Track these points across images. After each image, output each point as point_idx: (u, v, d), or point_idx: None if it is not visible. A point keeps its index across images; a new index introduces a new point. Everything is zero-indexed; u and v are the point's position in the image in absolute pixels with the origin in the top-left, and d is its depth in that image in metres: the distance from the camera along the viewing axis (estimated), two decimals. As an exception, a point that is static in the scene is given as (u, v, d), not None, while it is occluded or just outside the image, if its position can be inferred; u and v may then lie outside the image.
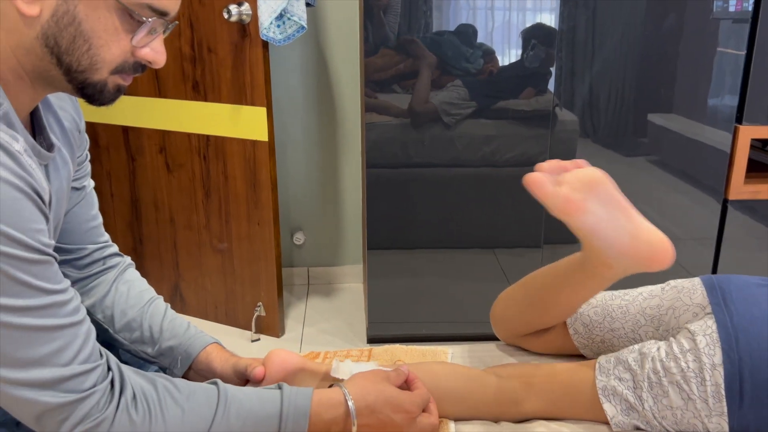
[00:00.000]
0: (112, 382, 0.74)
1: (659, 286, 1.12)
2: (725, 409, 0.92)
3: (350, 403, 0.84)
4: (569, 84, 1.85)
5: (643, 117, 1.89)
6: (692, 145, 1.90)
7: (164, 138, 2.07)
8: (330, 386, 0.90)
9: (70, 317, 0.70)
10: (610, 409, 0.98)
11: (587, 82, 1.85)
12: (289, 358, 0.96)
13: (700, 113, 1.87)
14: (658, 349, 0.98)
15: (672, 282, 1.11)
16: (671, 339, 1.00)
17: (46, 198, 0.70)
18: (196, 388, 0.80)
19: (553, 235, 1.97)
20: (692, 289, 1.05)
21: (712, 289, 1.03)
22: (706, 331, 0.95)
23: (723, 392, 0.92)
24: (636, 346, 1.02)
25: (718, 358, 0.92)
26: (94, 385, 0.71)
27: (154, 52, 0.74)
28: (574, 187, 0.90)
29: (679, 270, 2.00)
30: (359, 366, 0.97)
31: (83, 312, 0.73)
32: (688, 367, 0.94)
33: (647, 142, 1.91)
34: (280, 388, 0.84)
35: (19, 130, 0.70)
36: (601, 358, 1.04)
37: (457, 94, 1.83)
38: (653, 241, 0.92)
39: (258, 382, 0.94)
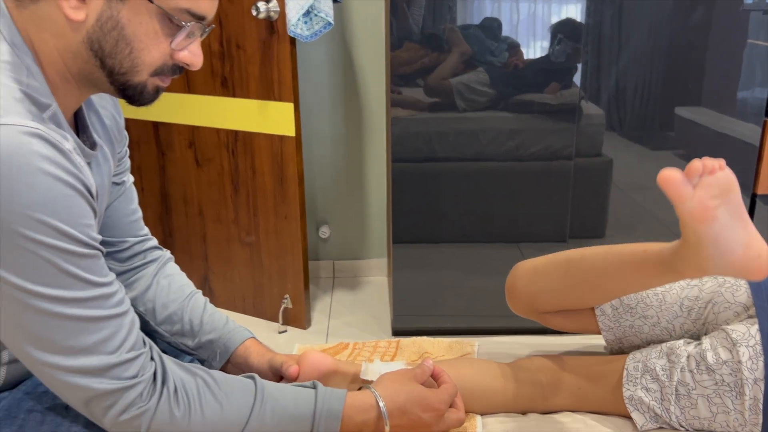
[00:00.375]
0: (154, 374, 0.77)
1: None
2: (760, 420, 0.90)
3: (382, 406, 0.86)
4: (595, 77, 1.84)
5: (670, 110, 1.87)
6: (720, 139, 1.89)
7: (193, 133, 2.11)
8: (360, 388, 0.92)
9: (116, 308, 0.73)
10: (639, 417, 0.98)
11: (614, 76, 1.84)
12: (322, 361, 0.99)
13: (729, 106, 1.86)
14: (688, 357, 0.95)
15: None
16: (705, 342, 0.95)
17: (94, 193, 0.73)
18: (234, 384, 0.82)
19: (578, 230, 1.97)
20: (736, 285, 1.00)
21: (758, 290, 0.97)
22: (749, 342, 0.91)
23: (761, 406, 0.89)
24: (665, 348, 0.99)
25: (760, 372, 0.89)
26: (138, 374, 0.75)
27: (192, 54, 0.77)
28: (711, 192, 0.84)
29: (706, 264, 1.99)
30: (388, 366, 0.99)
31: (128, 303, 0.76)
32: (723, 381, 0.91)
33: (674, 136, 1.90)
34: (314, 387, 0.86)
35: (66, 129, 0.73)
36: (629, 363, 1.01)
37: (476, 78, 1.83)
38: (762, 253, 0.86)
39: (292, 380, 0.96)
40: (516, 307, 1.16)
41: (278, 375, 0.98)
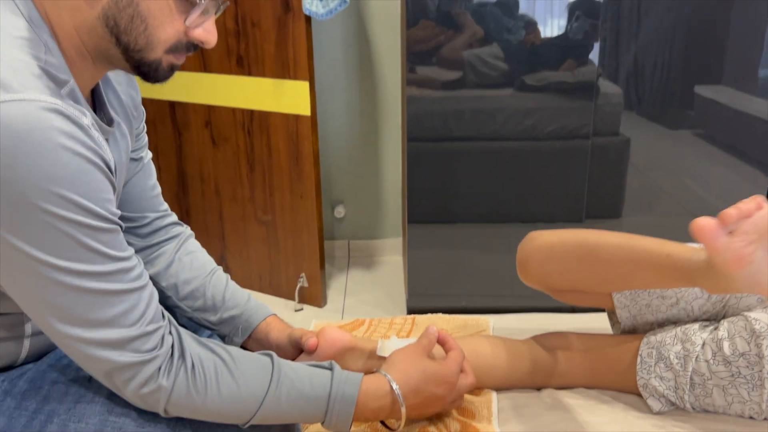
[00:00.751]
0: (172, 349, 0.78)
1: None
2: None
3: (396, 389, 0.87)
4: (613, 55, 1.82)
5: (690, 89, 1.85)
6: (741, 118, 1.86)
7: (209, 112, 2.12)
8: (375, 371, 0.92)
9: (135, 282, 0.74)
10: (654, 403, 0.98)
11: (632, 53, 1.82)
12: (340, 337, 1.00)
13: (750, 84, 1.83)
14: (703, 346, 0.93)
15: None
16: (722, 329, 0.93)
17: (113, 168, 0.74)
18: (252, 363, 0.83)
19: (594, 210, 1.96)
20: None
21: None
22: None
23: None
24: (679, 334, 0.97)
25: None
26: (157, 347, 0.76)
27: (206, 32, 0.78)
28: (749, 238, 0.77)
29: (723, 245, 1.97)
30: (403, 343, 1.00)
31: (146, 277, 0.77)
32: (739, 373, 0.90)
33: (693, 115, 1.88)
34: (331, 368, 0.87)
35: (84, 105, 0.74)
36: (643, 349, 1.00)
37: (489, 51, 1.82)
38: None
39: (311, 353, 0.98)
40: (527, 281, 1.13)
41: (298, 348, 1.00)
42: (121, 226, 0.74)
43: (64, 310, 0.70)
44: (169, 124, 2.21)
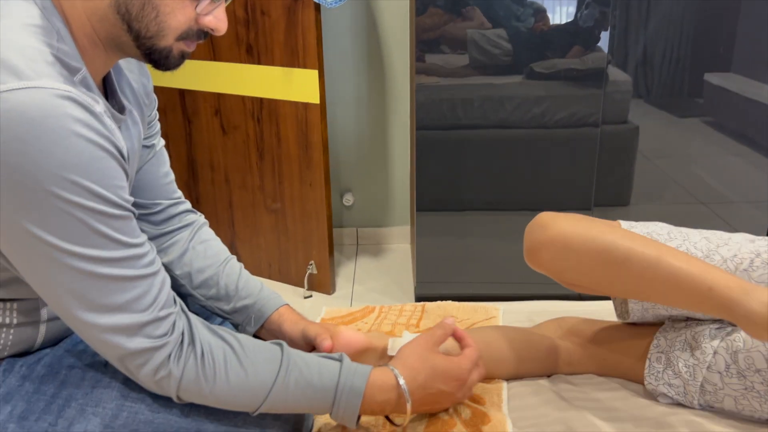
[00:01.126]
0: (182, 336, 0.79)
1: (748, 254, 0.88)
2: None
3: (403, 384, 0.87)
4: (623, 42, 1.81)
5: (699, 76, 1.84)
6: (751, 106, 1.86)
7: (219, 101, 2.13)
8: (382, 364, 0.91)
9: (147, 268, 0.75)
10: (663, 399, 0.98)
11: (641, 41, 1.81)
12: (356, 340, 0.99)
13: (760, 72, 1.82)
14: (715, 354, 0.88)
15: (765, 253, 0.88)
16: (738, 339, 0.87)
17: (126, 155, 0.75)
18: (261, 351, 0.84)
19: (602, 198, 1.96)
20: None
21: None
22: None
23: None
24: (688, 338, 0.93)
25: None
26: (168, 332, 0.77)
27: (217, 19, 0.78)
28: None
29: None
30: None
31: (159, 263, 0.78)
32: (753, 387, 0.86)
33: (703, 103, 1.87)
34: (341, 360, 0.87)
35: (96, 93, 0.75)
36: (652, 352, 0.97)
37: (499, 39, 1.81)
38: None
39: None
40: (536, 268, 0.99)
41: (311, 345, 1.00)
42: (134, 213, 0.75)
43: (78, 295, 0.71)
44: (179, 112, 2.22)
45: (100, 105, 0.72)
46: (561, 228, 0.88)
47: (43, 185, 0.65)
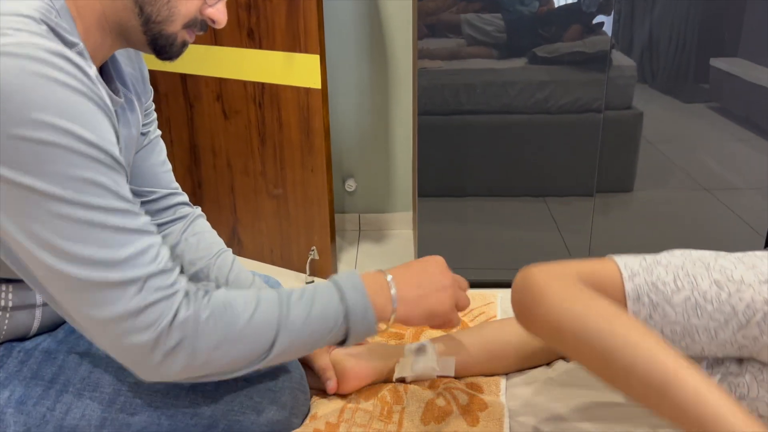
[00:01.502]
0: (188, 286, 0.75)
1: (762, 306, 0.75)
2: None
3: (390, 280, 0.90)
4: (628, 27, 1.79)
5: (705, 61, 1.82)
6: (757, 91, 1.84)
7: (221, 85, 2.12)
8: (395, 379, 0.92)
9: (147, 225, 0.72)
10: None
11: (647, 25, 1.79)
12: (365, 375, 1.00)
13: (766, 57, 1.80)
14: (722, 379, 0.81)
15: None
16: (743, 383, 0.79)
17: (116, 123, 0.74)
18: (256, 292, 0.80)
19: (605, 184, 1.95)
20: None
21: None
22: None
23: None
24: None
25: None
26: (176, 282, 0.73)
27: (219, 12, 0.80)
28: None
29: (737, 221, 1.96)
30: (418, 363, 1.00)
31: (155, 227, 0.75)
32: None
33: (708, 88, 1.85)
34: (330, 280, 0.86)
35: (92, 65, 0.74)
36: None
37: (502, 23, 1.79)
38: None
39: (330, 393, 1.00)
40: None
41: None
42: (126, 171, 0.72)
43: (74, 248, 0.67)
44: (180, 97, 2.21)
45: (93, 71, 0.71)
46: (553, 305, 0.76)
47: (29, 133, 0.62)
